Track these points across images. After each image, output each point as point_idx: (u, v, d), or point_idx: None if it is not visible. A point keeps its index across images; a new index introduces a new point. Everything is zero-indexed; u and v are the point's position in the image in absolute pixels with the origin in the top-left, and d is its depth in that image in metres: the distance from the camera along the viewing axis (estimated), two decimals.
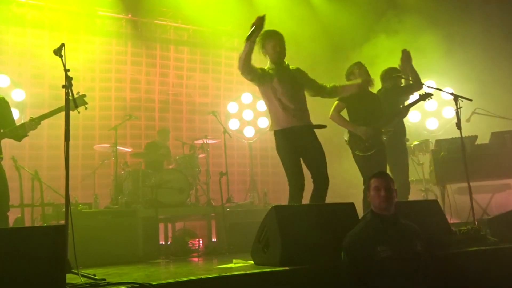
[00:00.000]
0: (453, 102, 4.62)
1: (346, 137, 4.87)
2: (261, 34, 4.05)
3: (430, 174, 6.23)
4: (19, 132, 3.86)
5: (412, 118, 8.04)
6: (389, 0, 7.94)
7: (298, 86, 4.25)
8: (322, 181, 4.20)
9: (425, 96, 5.00)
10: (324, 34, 8.53)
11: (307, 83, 4.36)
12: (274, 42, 4.18)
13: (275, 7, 8.22)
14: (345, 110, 4.91)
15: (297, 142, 4.14)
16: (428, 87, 5.28)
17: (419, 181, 6.45)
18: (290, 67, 4.34)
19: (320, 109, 5.00)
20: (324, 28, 8.52)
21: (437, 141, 6.23)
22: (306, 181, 4.26)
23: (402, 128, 5.17)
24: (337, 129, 4.98)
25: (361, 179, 4.77)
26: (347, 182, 6.57)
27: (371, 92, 4.95)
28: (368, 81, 4.62)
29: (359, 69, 4.82)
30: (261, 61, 4.33)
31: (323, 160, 4.22)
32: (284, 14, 8.10)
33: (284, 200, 9.02)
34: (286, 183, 9.42)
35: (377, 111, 4.89)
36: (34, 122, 3.79)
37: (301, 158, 4.26)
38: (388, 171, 4.79)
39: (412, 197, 6.32)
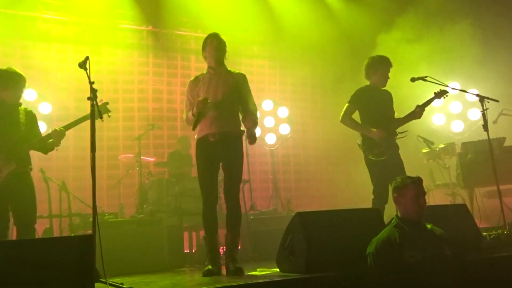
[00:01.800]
0: (479, 104, 4.51)
1: (359, 141, 4.65)
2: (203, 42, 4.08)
3: (457, 177, 6.10)
4: (46, 143, 3.95)
5: (436, 121, 7.90)
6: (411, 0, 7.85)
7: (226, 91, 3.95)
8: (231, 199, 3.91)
9: (440, 94, 4.61)
10: (344, 37, 8.51)
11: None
12: (209, 47, 4.02)
13: (294, 12, 8.25)
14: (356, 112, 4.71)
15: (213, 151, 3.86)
16: (453, 88, 5.17)
17: (446, 185, 6.32)
18: (231, 70, 4.11)
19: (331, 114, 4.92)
20: (344, 32, 8.50)
21: (463, 143, 6.09)
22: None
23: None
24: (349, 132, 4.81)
25: None
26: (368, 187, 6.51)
27: (384, 90, 4.72)
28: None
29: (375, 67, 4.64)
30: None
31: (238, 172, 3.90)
32: (304, 19, 8.12)
33: (307, 206, 9.09)
34: (308, 189, 9.43)
35: (390, 112, 4.68)
36: (60, 131, 3.87)
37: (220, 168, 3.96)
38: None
39: (439, 201, 6.23)
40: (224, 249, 4.39)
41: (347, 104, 4.66)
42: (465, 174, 5.78)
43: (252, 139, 3.91)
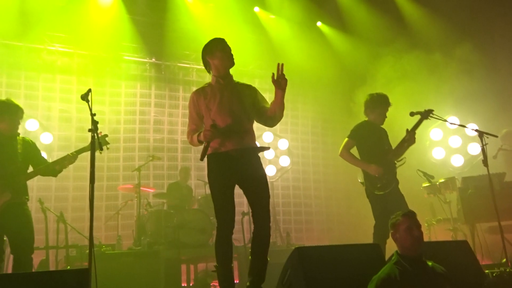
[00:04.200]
0: (478, 139, 4.53)
1: (360, 179, 4.69)
2: (203, 49, 3.60)
3: (458, 212, 6.04)
4: (52, 168, 3.97)
5: (436, 155, 7.90)
6: (412, 36, 8.00)
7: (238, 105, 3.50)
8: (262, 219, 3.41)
9: (426, 114, 4.56)
10: (344, 71, 8.65)
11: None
12: (221, 52, 3.55)
13: (294, 47, 8.41)
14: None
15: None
16: (451, 123, 5.21)
17: (447, 220, 6.25)
18: (239, 82, 3.71)
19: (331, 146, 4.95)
20: (344, 66, 8.65)
21: (463, 178, 6.07)
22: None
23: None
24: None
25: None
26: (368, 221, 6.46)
27: (379, 126, 4.79)
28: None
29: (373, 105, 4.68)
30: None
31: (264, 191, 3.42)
32: (304, 54, 8.27)
33: (306, 240, 8.98)
34: (308, 223, 9.36)
35: (386, 145, 4.72)
36: (74, 156, 3.92)
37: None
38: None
39: (440, 236, 6.15)
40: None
41: (346, 139, 4.73)
42: (466, 209, 5.74)
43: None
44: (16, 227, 3.75)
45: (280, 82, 3.43)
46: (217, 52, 3.53)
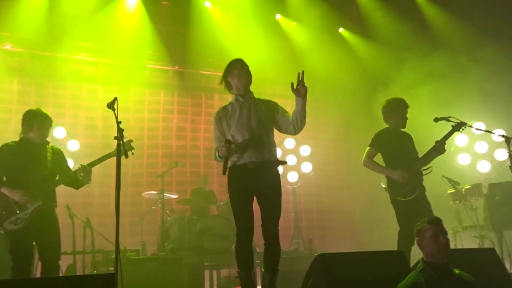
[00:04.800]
0: (505, 144, 4.43)
1: (384, 184, 4.60)
2: (224, 71, 3.81)
3: (485, 219, 5.91)
4: (76, 179, 4.06)
5: (461, 161, 7.75)
6: (435, 40, 7.91)
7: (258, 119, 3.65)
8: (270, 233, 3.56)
9: (458, 126, 4.49)
10: (366, 76, 8.60)
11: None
12: (240, 71, 3.72)
13: (316, 52, 8.42)
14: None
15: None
16: (477, 129, 5.12)
17: (473, 227, 6.12)
18: (259, 98, 3.82)
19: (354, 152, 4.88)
20: (366, 71, 8.60)
21: (490, 185, 5.94)
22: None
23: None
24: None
25: None
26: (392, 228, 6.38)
27: (403, 132, 4.69)
28: None
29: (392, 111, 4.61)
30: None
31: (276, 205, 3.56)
32: (326, 59, 8.27)
33: (329, 246, 8.92)
34: (331, 229, 9.30)
35: (412, 152, 4.61)
36: (85, 167, 3.99)
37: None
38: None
39: (466, 244, 6.03)
40: None
41: (368, 148, 4.66)
42: (493, 216, 5.61)
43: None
44: (45, 233, 3.85)
45: (299, 90, 3.54)
46: (235, 71, 3.72)
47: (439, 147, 4.47)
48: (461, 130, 4.54)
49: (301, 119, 3.62)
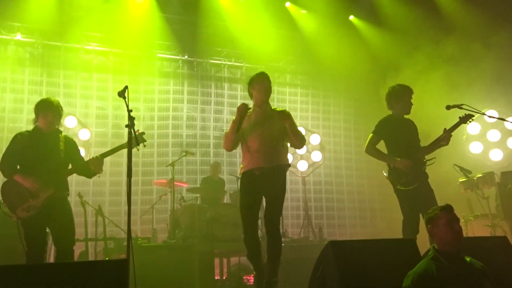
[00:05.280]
0: None
1: (385, 172, 4.53)
2: (250, 82, 4.17)
3: (497, 208, 5.87)
4: (88, 168, 4.10)
5: (473, 149, 7.68)
6: (446, 26, 7.78)
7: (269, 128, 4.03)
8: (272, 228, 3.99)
9: (465, 118, 4.42)
10: (376, 64, 8.51)
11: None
12: (260, 85, 4.11)
13: (326, 42, 8.34)
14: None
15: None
16: (490, 117, 5.06)
17: (485, 216, 6.07)
18: (275, 109, 4.19)
19: (363, 141, 4.81)
20: (376, 59, 8.51)
21: (502, 173, 5.89)
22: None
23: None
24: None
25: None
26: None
27: (407, 119, 4.63)
28: None
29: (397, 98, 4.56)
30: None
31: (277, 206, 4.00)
32: (336, 48, 8.20)
33: (338, 235, 8.92)
34: (340, 218, 9.31)
35: (416, 140, 4.57)
36: (97, 159, 4.01)
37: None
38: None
39: (478, 233, 5.98)
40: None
41: (371, 135, 4.59)
42: (506, 205, 5.56)
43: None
44: (59, 220, 3.90)
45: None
46: (256, 85, 4.12)
47: (445, 137, 4.40)
48: (468, 122, 4.47)
49: (295, 141, 4.08)
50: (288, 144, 4.17)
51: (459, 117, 4.45)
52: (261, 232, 5.85)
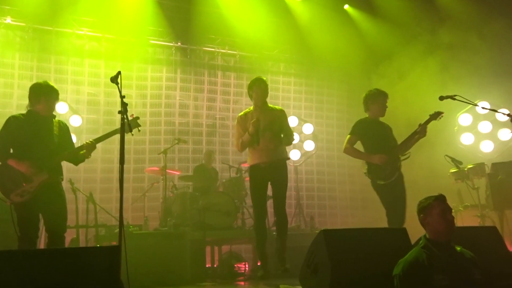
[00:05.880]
0: (510, 124, 4.41)
1: (364, 169, 4.84)
2: (250, 85, 4.86)
3: (487, 199, 5.93)
4: (77, 155, 4.07)
5: (465, 141, 7.74)
6: (439, 14, 7.77)
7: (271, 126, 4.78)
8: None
9: (435, 115, 4.75)
10: (370, 54, 8.50)
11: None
12: (258, 89, 4.80)
13: (320, 31, 8.30)
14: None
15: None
16: (483, 108, 5.09)
17: (475, 206, 6.15)
18: (272, 107, 4.94)
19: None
20: (370, 49, 8.49)
21: (493, 164, 5.94)
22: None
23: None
24: None
25: None
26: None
27: (382, 122, 5.01)
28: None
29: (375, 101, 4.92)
30: None
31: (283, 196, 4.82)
32: (330, 38, 8.16)
33: (330, 224, 8.98)
34: (332, 207, 9.39)
35: (391, 140, 4.90)
36: (92, 144, 3.98)
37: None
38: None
39: (467, 223, 6.06)
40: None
41: (349, 135, 4.97)
42: (495, 195, 5.63)
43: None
44: (51, 206, 3.88)
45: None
46: (255, 88, 4.82)
47: (421, 130, 4.72)
48: (438, 119, 4.76)
49: (286, 138, 4.87)
50: None
51: (429, 115, 4.76)
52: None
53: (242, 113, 4.95)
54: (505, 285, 3.25)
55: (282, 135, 4.82)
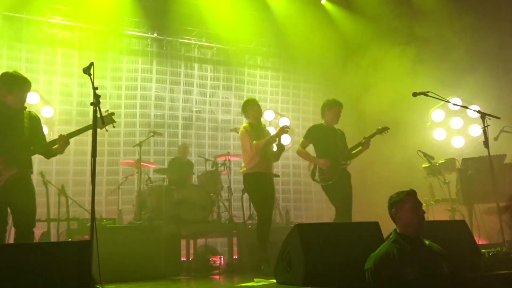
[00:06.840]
0: (480, 120, 4.52)
1: (309, 171, 5.42)
2: (245, 104, 5.43)
3: (457, 193, 6.08)
4: (49, 149, 3.95)
5: (437, 136, 7.90)
6: (413, 10, 7.88)
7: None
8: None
9: (382, 130, 5.26)
10: (347, 49, 8.56)
11: None
12: (257, 108, 5.38)
13: (297, 24, 8.30)
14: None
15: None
16: (454, 104, 5.20)
17: (445, 201, 6.29)
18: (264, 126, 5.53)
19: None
20: (347, 44, 8.55)
21: (463, 159, 6.08)
22: None
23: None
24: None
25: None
26: (367, 200, 6.54)
27: (336, 128, 5.49)
28: None
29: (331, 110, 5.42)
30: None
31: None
32: (307, 32, 8.18)
33: (305, 218, 9.05)
34: (307, 201, 9.54)
35: (340, 146, 5.37)
36: (65, 137, 3.85)
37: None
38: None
39: (438, 216, 6.20)
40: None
41: (302, 139, 5.51)
42: (465, 190, 5.77)
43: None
44: (20, 200, 3.76)
45: None
46: (254, 107, 5.39)
47: (365, 143, 5.24)
48: (383, 133, 5.28)
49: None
50: None
51: (376, 129, 5.28)
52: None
53: (248, 125, 5.36)
54: (471, 277, 3.35)
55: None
